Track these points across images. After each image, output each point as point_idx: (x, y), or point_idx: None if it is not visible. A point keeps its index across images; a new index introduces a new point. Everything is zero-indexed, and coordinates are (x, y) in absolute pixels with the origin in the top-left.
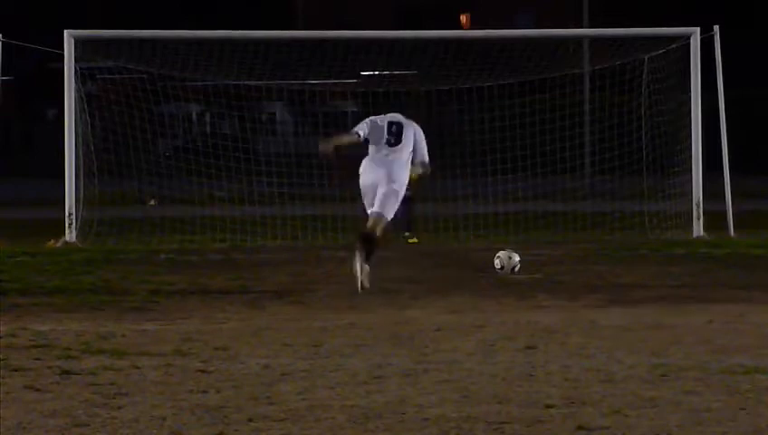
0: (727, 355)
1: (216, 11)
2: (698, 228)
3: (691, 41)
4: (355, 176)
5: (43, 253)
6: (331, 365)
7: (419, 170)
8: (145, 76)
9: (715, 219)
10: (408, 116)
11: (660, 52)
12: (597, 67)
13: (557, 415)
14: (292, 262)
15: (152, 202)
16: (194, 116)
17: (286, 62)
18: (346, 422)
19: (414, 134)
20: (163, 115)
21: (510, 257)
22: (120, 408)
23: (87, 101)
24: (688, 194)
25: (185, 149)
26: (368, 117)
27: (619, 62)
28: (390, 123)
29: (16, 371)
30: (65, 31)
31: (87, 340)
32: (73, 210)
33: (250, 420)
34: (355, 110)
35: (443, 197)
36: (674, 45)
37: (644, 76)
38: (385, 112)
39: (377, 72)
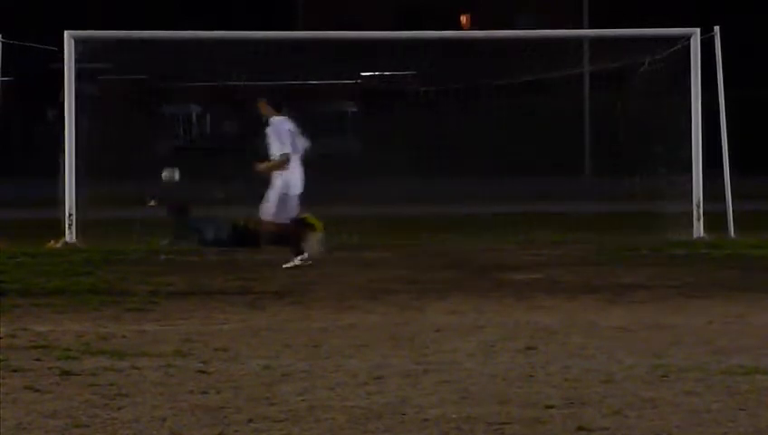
0: (727, 356)
1: (216, 12)
2: (699, 229)
3: (691, 41)
4: None
5: (43, 253)
6: (331, 366)
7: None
8: (145, 77)
9: (715, 220)
10: (408, 116)
11: (660, 53)
12: (597, 68)
13: (557, 416)
14: None
15: (152, 203)
16: (194, 116)
17: (286, 62)
18: (346, 423)
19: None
20: (163, 115)
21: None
22: (120, 409)
23: (87, 101)
24: (688, 195)
25: (185, 148)
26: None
27: (619, 63)
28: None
29: (16, 371)
30: (65, 31)
31: (87, 341)
32: (73, 211)
33: (250, 420)
34: (355, 110)
35: (443, 197)
36: (674, 47)
37: (644, 76)
38: (384, 114)
39: (377, 73)
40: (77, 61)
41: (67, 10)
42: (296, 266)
